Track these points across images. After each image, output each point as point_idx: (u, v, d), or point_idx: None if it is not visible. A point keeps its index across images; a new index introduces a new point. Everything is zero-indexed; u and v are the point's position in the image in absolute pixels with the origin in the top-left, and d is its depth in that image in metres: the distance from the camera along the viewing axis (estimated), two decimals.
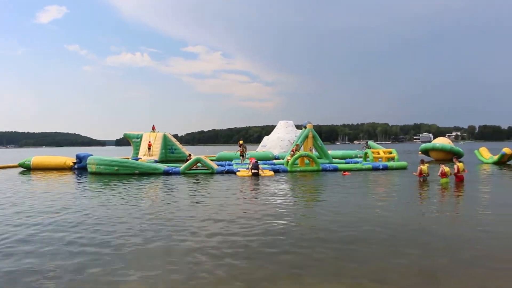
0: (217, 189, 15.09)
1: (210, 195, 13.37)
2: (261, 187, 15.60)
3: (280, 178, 19.62)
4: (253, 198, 12.73)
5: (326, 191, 14.16)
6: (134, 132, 41.16)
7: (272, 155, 36.23)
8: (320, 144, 27.95)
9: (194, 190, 14.97)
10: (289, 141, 39.65)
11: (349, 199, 12.36)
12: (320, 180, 18.62)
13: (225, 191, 14.43)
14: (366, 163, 26.09)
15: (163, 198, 12.78)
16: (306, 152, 24.65)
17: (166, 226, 8.80)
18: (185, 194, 13.81)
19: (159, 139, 39.44)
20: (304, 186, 16.36)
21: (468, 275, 5.82)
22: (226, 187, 15.62)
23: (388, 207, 10.91)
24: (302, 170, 23.93)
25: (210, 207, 11.08)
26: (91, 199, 12.94)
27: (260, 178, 19.62)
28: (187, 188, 15.70)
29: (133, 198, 12.86)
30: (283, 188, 15.18)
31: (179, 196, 13.32)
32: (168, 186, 16.36)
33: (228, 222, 9.09)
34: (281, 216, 9.70)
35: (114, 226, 8.90)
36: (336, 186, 15.73)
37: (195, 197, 12.96)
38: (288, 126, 42.79)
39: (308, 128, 27.83)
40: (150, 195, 13.60)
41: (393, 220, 9.21)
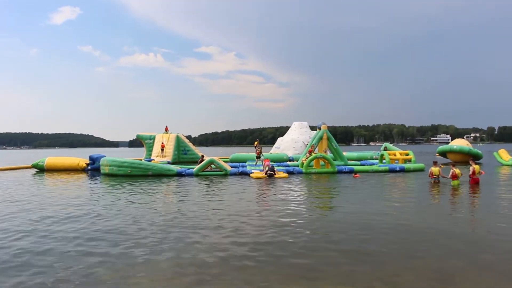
0: (230, 191, 15.13)
1: (223, 197, 13.41)
2: (275, 189, 15.59)
3: (294, 180, 19.56)
4: (266, 200, 12.73)
5: (341, 193, 14.07)
6: (147, 133, 41.57)
7: (286, 157, 36.13)
8: (335, 145, 27.78)
9: (207, 192, 15.04)
10: (303, 143, 39.52)
11: (364, 201, 12.26)
12: (335, 182, 18.49)
13: (238, 193, 14.46)
14: (382, 165, 25.88)
15: (176, 200, 12.87)
16: (321, 154, 24.54)
17: (178, 228, 8.85)
18: (198, 196, 13.87)
19: (172, 140, 39.74)
20: (319, 188, 16.27)
21: (484, 279, 5.71)
22: (239, 189, 15.65)
23: (402, 209, 10.80)
24: (317, 172, 23.83)
25: (223, 209, 11.12)
26: (104, 200, 13.10)
27: (274, 180, 19.60)
28: (200, 190, 15.77)
29: (146, 201, 12.97)
30: (297, 190, 15.14)
31: (192, 198, 13.38)
32: (181, 188, 16.46)
33: (240, 224, 9.11)
34: (294, 219, 9.66)
35: (127, 228, 8.99)
36: (351, 189, 15.61)
37: (208, 199, 13.01)
38: (302, 127, 42.67)
39: (322, 129, 27.70)
40: (163, 198, 13.71)
41: (407, 223, 9.10)
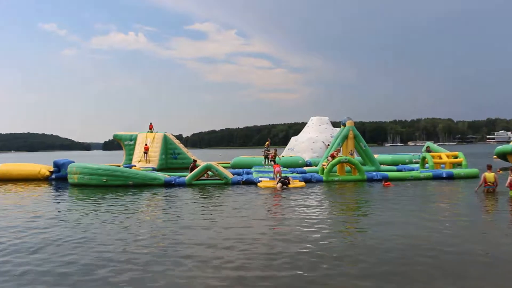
0: (232, 205, 15.05)
1: (223, 214, 13.32)
2: (288, 203, 15.48)
3: (313, 190, 19.50)
4: (277, 217, 12.60)
5: (372, 209, 13.91)
6: (126, 133, 41.86)
7: (302, 161, 36.06)
8: (364, 146, 27.70)
9: (203, 206, 14.99)
10: (324, 143, 39.44)
11: (401, 219, 12.06)
12: (364, 193, 18.36)
13: (242, 208, 14.33)
14: (424, 171, 25.67)
15: (164, 218, 12.72)
16: (346, 157, 24.44)
17: (166, 256, 8.71)
18: (191, 212, 13.80)
19: (158, 141, 39.91)
20: (344, 201, 16.16)
21: None
22: (243, 203, 15.55)
23: (448, 228, 10.64)
24: (341, 179, 23.79)
25: (223, 229, 11.00)
26: (71, 218, 13.05)
27: (288, 191, 19.58)
28: (194, 204, 15.72)
29: (126, 218, 12.88)
30: (315, 204, 15.02)
31: (184, 214, 13.31)
32: (170, 202, 16.42)
33: (244, 251, 8.90)
34: (313, 241, 9.53)
35: (101, 254, 8.90)
36: (385, 202, 15.46)
37: (204, 216, 12.92)
38: (322, 124, 42.64)
39: (348, 126, 27.63)
40: (148, 214, 13.63)
41: (457, 250, 8.90)
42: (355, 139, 27.52)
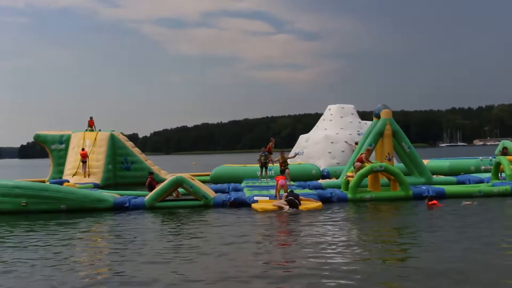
0: (216, 241, 14.88)
1: (202, 258, 13.15)
2: (298, 237, 15.41)
3: (334, 214, 19.62)
4: (282, 263, 12.53)
5: (424, 244, 13.84)
6: (54, 132, 41.99)
7: (317, 171, 36.25)
8: (408, 147, 27.88)
9: (169, 244, 14.84)
10: (348, 144, 39.60)
11: (467, 258, 12.15)
12: (410, 217, 18.46)
13: (230, 245, 14.27)
14: (499, 183, 25.83)
15: (111, 266, 12.59)
16: (381, 164, 24.62)
17: None
18: (154, 253, 13.55)
19: (103, 144, 40.04)
20: (381, 231, 16.23)
21: None
22: (233, 238, 15.31)
23: None
24: (375, 197, 24.00)
25: (202, 284, 10.93)
26: None
27: (297, 215, 19.68)
28: (157, 239, 15.64)
29: (52, 268, 12.69)
30: (339, 238, 14.96)
31: (142, 259, 13.05)
32: (122, 237, 16.29)
33: None
34: None
35: None
36: (442, 232, 15.51)
37: (170, 263, 12.70)
38: (345, 115, 42.92)
39: (383, 118, 27.80)
40: (86, 260, 13.45)
41: None
42: (394, 137, 27.69)
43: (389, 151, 27.38)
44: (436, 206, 20.95)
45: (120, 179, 40.10)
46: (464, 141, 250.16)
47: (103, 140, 40.27)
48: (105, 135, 40.70)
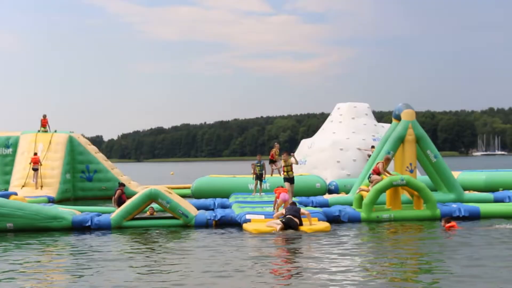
0: (197, 269, 14.81)
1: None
2: (300, 268, 15.34)
3: (344, 238, 19.61)
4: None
5: (452, 275, 13.90)
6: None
7: (322, 184, 36.27)
8: (435, 156, 27.94)
9: (140, 275, 14.62)
10: (361, 150, 39.62)
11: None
12: (438, 243, 18.46)
13: (215, 277, 14.17)
14: None
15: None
16: (403, 177, 24.61)
17: None
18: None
19: (59, 149, 39.98)
20: (403, 259, 16.19)
21: None
22: (215, 267, 15.38)
23: None
24: (395, 217, 24.12)
25: None
26: None
27: (299, 238, 19.68)
28: (125, 270, 15.47)
29: None
30: (349, 272, 14.93)
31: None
32: (80, 267, 16.09)
33: None
34: None
35: None
36: (481, 261, 15.50)
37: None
38: (357, 116, 43.10)
39: (404, 120, 27.86)
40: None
41: None
42: (418, 143, 27.79)
43: (411, 161, 27.49)
44: (454, 229, 20.94)
45: (80, 191, 40.15)
46: (503, 150, 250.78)
47: (59, 144, 40.18)
48: (62, 138, 40.60)
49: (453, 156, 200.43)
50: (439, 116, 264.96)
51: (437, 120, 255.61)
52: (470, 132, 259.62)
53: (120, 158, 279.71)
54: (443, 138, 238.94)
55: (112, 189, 35.05)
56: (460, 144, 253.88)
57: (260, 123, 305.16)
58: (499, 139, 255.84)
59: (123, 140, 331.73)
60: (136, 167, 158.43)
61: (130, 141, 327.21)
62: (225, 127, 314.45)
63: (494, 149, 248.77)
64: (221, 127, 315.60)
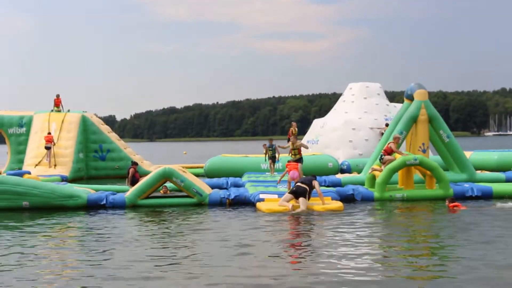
0: (212, 252, 14.57)
1: (198, 267, 13.10)
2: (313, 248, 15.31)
3: (357, 218, 19.65)
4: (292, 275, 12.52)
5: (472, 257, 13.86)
6: (11, 113, 41.97)
7: (335, 164, 36.40)
8: (447, 136, 27.83)
9: (158, 252, 14.57)
10: (372, 129, 39.57)
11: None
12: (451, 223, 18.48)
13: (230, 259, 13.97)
14: None
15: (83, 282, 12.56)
16: (416, 156, 24.64)
17: None
18: (138, 270, 13.49)
19: (72, 128, 40.15)
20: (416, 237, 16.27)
21: None
22: (232, 247, 15.17)
23: None
24: (408, 197, 24.19)
25: None
26: None
27: (312, 216, 19.76)
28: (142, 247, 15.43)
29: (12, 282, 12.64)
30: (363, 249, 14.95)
31: (125, 273, 12.95)
32: (98, 240, 16.30)
33: None
34: None
35: None
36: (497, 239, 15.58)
37: (162, 279, 12.63)
38: (369, 96, 43.04)
39: (417, 100, 27.79)
40: (55, 275, 13.31)
41: None
42: (430, 123, 27.69)
43: (423, 141, 27.36)
44: (459, 209, 21.01)
45: (93, 171, 40.39)
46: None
47: (72, 123, 40.32)
48: (75, 117, 40.73)
49: (465, 136, 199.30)
50: (451, 96, 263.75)
51: (449, 100, 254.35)
52: (482, 112, 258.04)
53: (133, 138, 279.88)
54: (455, 118, 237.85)
55: (124, 168, 35.14)
56: (472, 124, 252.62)
57: (272, 103, 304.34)
58: (511, 119, 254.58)
59: (135, 120, 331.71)
60: (149, 147, 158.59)
61: (143, 120, 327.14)
62: (237, 107, 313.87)
63: (506, 129, 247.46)
64: (233, 107, 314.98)
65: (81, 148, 39.86)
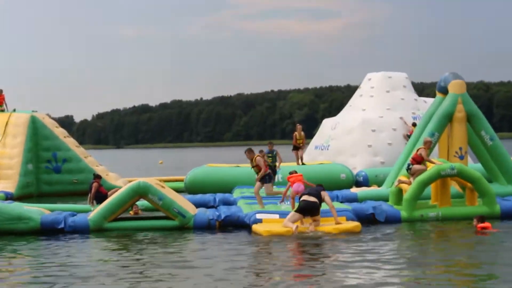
0: (201, 282, 14.92)
1: None
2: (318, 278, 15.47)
3: (380, 242, 19.63)
4: None
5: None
6: None
7: (348, 174, 36.33)
8: (491, 138, 27.90)
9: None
10: (397, 131, 39.62)
11: None
12: (501, 250, 18.57)
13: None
14: None
15: None
16: (454, 165, 24.63)
17: None
18: None
19: (19, 133, 40.08)
20: (453, 268, 16.28)
21: None
22: (223, 279, 15.46)
23: None
24: (444, 215, 24.15)
25: None
26: None
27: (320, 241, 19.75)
28: (111, 285, 15.57)
29: None
30: None
31: None
32: (50, 280, 15.80)
33: None
34: None
35: None
36: None
37: None
38: (393, 88, 43.18)
39: (452, 94, 27.89)
40: None
41: None
42: (469, 122, 27.81)
43: (461, 145, 27.52)
44: (487, 231, 21.02)
45: (45, 186, 40.45)
46: None
47: (19, 126, 40.28)
48: (22, 119, 40.66)
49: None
50: (495, 88, 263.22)
51: (493, 93, 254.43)
52: None
53: (96, 144, 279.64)
54: (500, 115, 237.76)
55: (86, 182, 35.22)
56: None
57: (270, 98, 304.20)
58: None
59: (98, 121, 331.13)
60: (116, 155, 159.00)
61: (108, 122, 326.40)
62: (226, 104, 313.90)
63: None
64: (222, 104, 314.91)
65: (30, 158, 39.78)
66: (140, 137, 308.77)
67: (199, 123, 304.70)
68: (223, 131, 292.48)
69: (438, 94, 29.34)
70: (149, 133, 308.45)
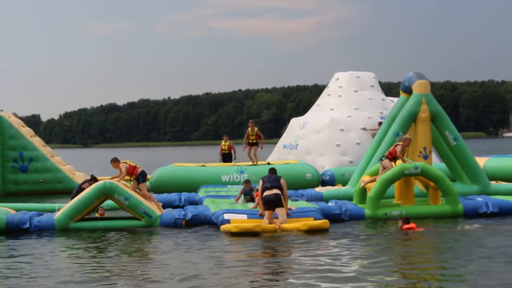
0: (168, 284, 14.89)
1: None
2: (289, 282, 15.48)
3: (344, 240, 19.72)
4: None
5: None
6: None
7: (313, 173, 36.63)
8: (455, 138, 28.06)
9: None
10: (366, 130, 39.73)
11: None
12: (460, 245, 18.72)
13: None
14: None
15: None
16: (417, 164, 24.81)
17: None
18: None
19: None
20: (415, 266, 16.42)
21: None
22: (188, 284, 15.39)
23: None
24: (407, 214, 24.03)
25: None
26: None
27: (289, 239, 19.82)
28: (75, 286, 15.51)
29: None
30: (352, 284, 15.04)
31: None
32: (14, 283, 15.87)
33: None
34: None
35: None
36: None
37: None
38: (361, 88, 43.34)
39: (416, 94, 28.05)
40: None
41: None
42: (433, 122, 28.00)
43: (425, 144, 27.69)
44: (413, 231, 21.20)
45: (11, 185, 40.08)
46: None
47: None
48: None
49: (478, 138, 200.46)
50: (462, 88, 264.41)
51: (459, 93, 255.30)
52: (499, 107, 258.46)
53: (63, 143, 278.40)
54: (466, 115, 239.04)
55: (52, 181, 35.20)
56: (488, 122, 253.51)
57: (238, 98, 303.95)
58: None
59: (65, 120, 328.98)
60: (83, 154, 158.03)
61: (75, 121, 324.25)
62: (194, 103, 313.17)
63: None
64: (189, 103, 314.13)
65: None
66: (107, 136, 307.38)
67: (167, 123, 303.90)
68: (191, 130, 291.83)
69: (402, 94, 29.51)
70: (117, 132, 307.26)
